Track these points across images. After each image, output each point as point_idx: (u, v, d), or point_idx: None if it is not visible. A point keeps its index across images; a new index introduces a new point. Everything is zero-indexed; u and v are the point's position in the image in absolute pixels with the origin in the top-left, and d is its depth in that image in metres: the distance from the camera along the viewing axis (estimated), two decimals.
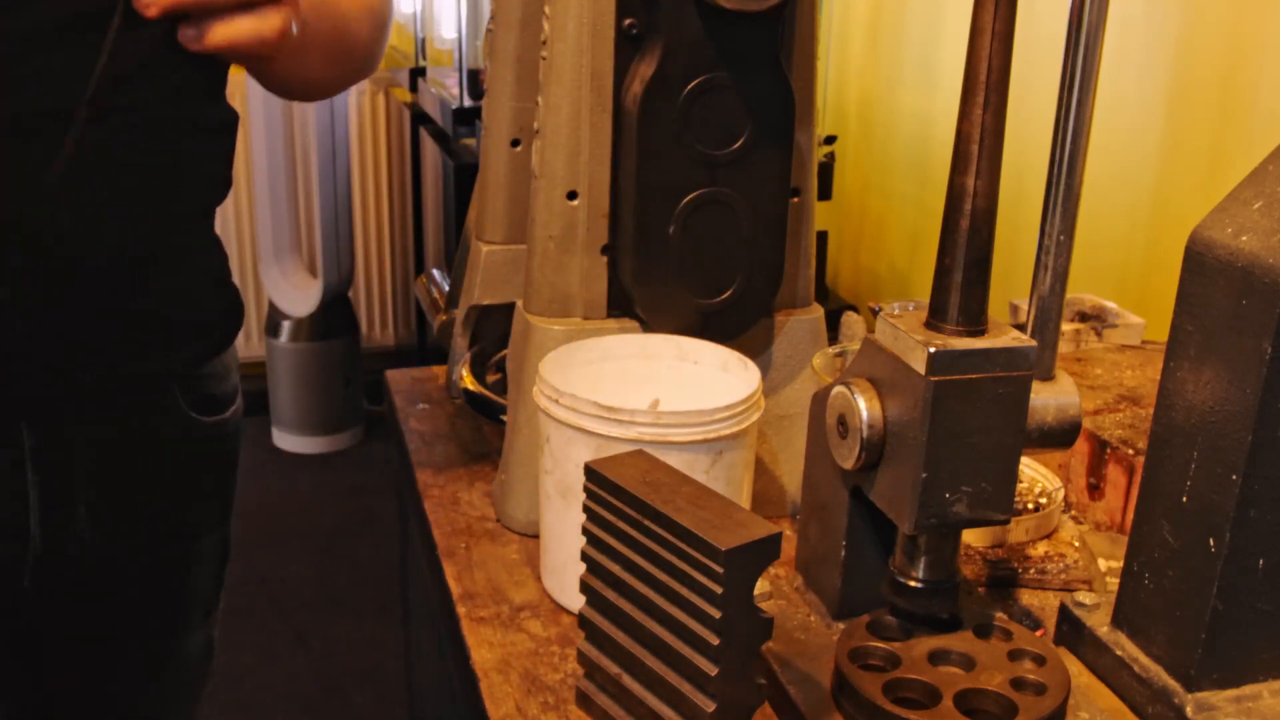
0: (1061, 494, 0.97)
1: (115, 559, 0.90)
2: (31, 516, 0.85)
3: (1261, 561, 0.68)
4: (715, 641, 0.63)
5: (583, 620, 0.72)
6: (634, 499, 0.66)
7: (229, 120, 0.87)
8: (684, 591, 0.64)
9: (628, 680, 0.69)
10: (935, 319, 0.68)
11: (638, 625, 0.68)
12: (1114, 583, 0.80)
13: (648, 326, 0.92)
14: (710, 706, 0.64)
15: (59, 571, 0.88)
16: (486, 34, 1.02)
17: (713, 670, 0.63)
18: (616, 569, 0.69)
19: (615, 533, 0.69)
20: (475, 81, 2.57)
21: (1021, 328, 0.71)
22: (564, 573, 0.83)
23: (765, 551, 0.63)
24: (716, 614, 0.62)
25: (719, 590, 0.62)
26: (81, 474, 0.86)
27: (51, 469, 0.84)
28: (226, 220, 3.46)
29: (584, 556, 0.71)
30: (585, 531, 0.71)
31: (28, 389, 0.81)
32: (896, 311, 0.71)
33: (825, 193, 2.36)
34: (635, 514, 0.67)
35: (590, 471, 0.69)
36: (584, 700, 0.73)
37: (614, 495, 0.68)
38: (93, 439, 0.86)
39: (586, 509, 0.70)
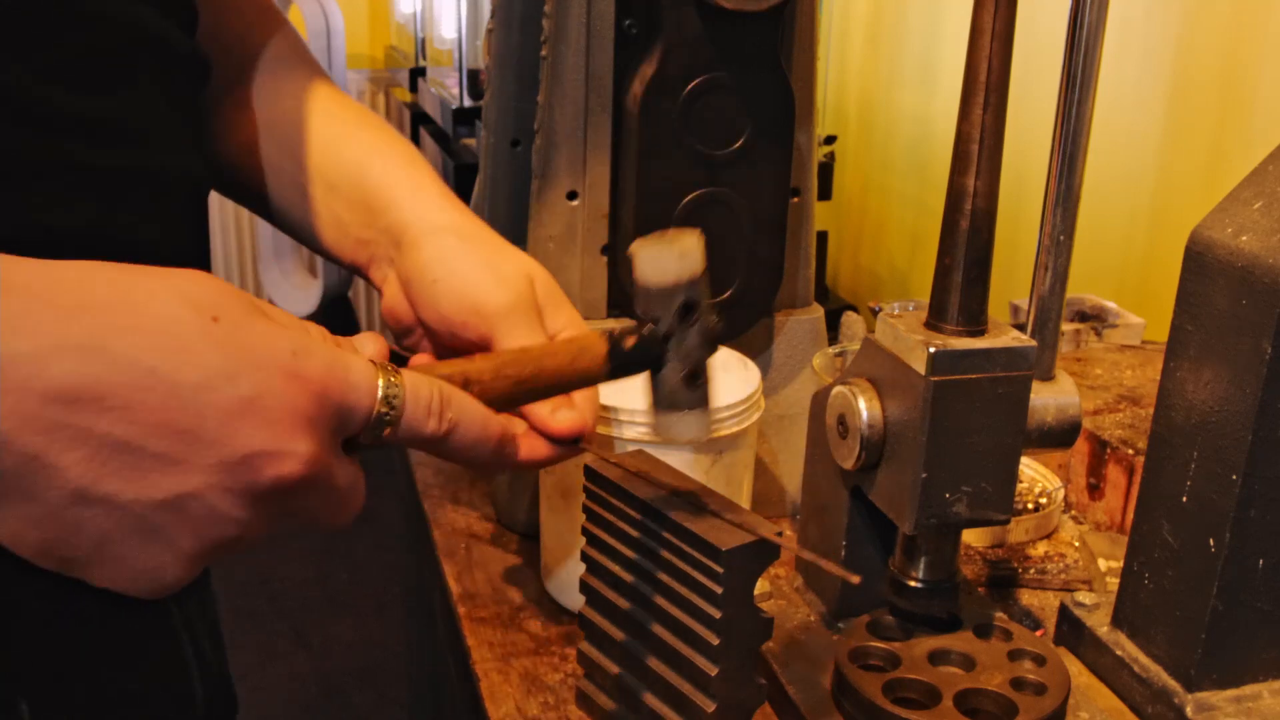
0: (1061, 494, 0.97)
1: None
2: None
3: (1261, 561, 0.68)
4: (715, 641, 0.63)
5: (583, 620, 0.72)
6: (634, 499, 0.66)
7: None
8: (684, 591, 0.64)
9: (628, 680, 0.69)
10: (935, 319, 0.68)
11: (638, 625, 0.68)
12: (1114, 583, 0.80)
13: None
14: (710, 706, 0.64)
15: None
16: (486, 34, 1.02)
17: (713, 670, 0.63)
18: (617, 569, 0.69)
19: (615, 533, 0.69)
20: (475, 81, 2.57)
21: (1021, 328, 0.71)
22: (564, 573, 0.83)
23: (765, 551, 0.63)
24: (717, 614, 0.62)
25: (719, 590, 0.62)
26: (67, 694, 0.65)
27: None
28: (227, 220, 3.46)
29: (584, 556, 0.71)
30: (585, 531, 0.71)
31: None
32: (896, 311, 0.71)
33: (825, 193, 2.36)
34: (635, 514, 0.67)
35: (590, 471, 0.69)
36: (584, 700, 0.73)
37: (614, 495, 0.68)
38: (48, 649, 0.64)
39: (586, 509, 0.70)
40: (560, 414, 0.63)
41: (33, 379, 0.40)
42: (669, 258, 0.57)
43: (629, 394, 0.87)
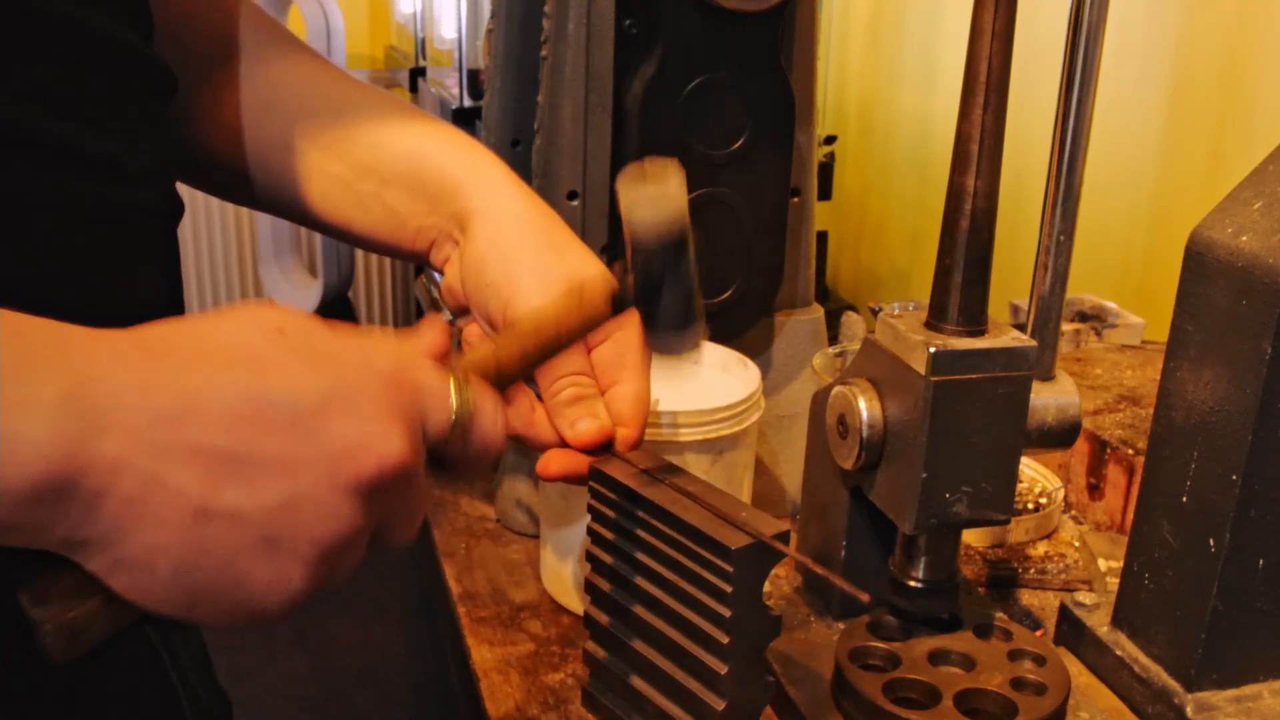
0: (1061, 494, 0.97)
1: None
2: None
3: (1261, 561, 0.69)
4: (725, 640, 0.63)
5: (588, 620, 0.72)
6: (639, 497, 0.66)
7: None
8: (692, 590, 0.64)
9: (635, 680, 0.69)
10: (935, 319, 0.68)
11: (645, 624, 0.68)
12: (1114, 583, 0.80)
13: None
14: (720, 705, 0.64)
15: None
16: (486, 34, 1.02)
17: (722, 669, 0.63)
18: (622, 568, 0.69)
19: (620, 532, 0.68)
20: (475, 81, 2.57)
21: (1021, 328, 0.71)
22: (564, 573, 0.83)
23: (774, 550, 0.63)
24: (726, 613, 0.62)
25: (729, 589, 0.62)
26: None
27: None
28: (227, 220, 3.45)
29: (589, 556, 0.71)
30: (590, 531, 0.71)
31: None
32: (896, 311, 0.71)
33: (825, 193, 2.35)
34: (641, 513, 0.67)
35: (594, 471, 0.69)
36: (590, 700, 0.73)
37: (619, 494, 0.68)
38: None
39: (591, 508, 0.70)
40: (581, 425, 0.64)
41: (140, 405, 0.42)
42: (661, 199, 0.57)
43: None
